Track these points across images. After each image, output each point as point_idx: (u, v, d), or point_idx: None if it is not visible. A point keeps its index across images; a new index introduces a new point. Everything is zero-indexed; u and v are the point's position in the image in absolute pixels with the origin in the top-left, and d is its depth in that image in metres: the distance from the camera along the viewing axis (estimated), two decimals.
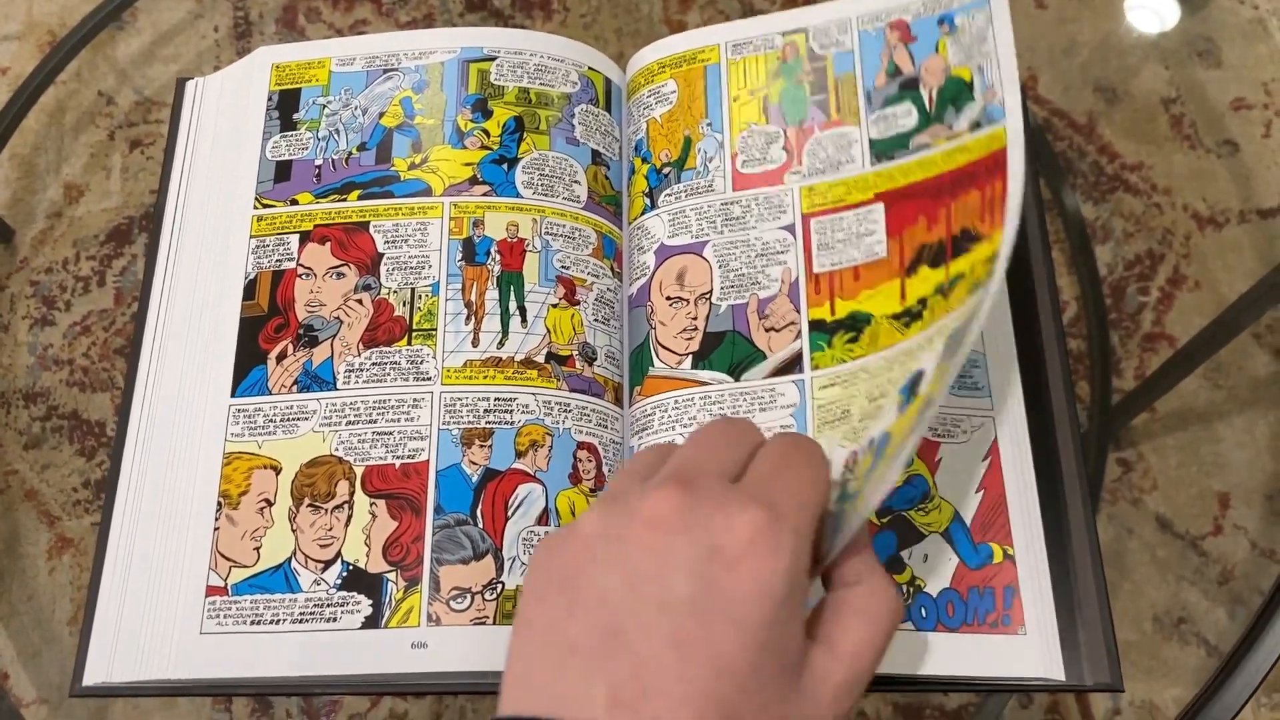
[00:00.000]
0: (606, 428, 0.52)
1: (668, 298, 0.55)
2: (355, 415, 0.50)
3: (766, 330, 0.53)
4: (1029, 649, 0.49)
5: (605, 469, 0.51)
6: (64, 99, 0.88)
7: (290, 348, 0.52)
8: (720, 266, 0.55)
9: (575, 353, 0.53)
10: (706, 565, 0.33)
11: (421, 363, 0.51)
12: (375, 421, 0.50)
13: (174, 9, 0.92)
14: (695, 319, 0.54)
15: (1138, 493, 0.78)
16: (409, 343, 0.52)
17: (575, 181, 0.56)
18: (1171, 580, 0.77)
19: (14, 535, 0.76)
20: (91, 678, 0.47)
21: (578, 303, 0.53)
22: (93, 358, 0.80)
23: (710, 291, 0.54)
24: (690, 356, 0.53)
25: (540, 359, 0.52)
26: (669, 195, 0.56)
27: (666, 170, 0.57)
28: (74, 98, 0.88)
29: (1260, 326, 0.81)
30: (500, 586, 0.47)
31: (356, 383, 0.51)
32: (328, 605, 0.47)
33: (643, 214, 0.57)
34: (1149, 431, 0.80)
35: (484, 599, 0.47)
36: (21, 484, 0.77)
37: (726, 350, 0.53)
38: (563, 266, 0.54)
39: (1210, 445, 0.79)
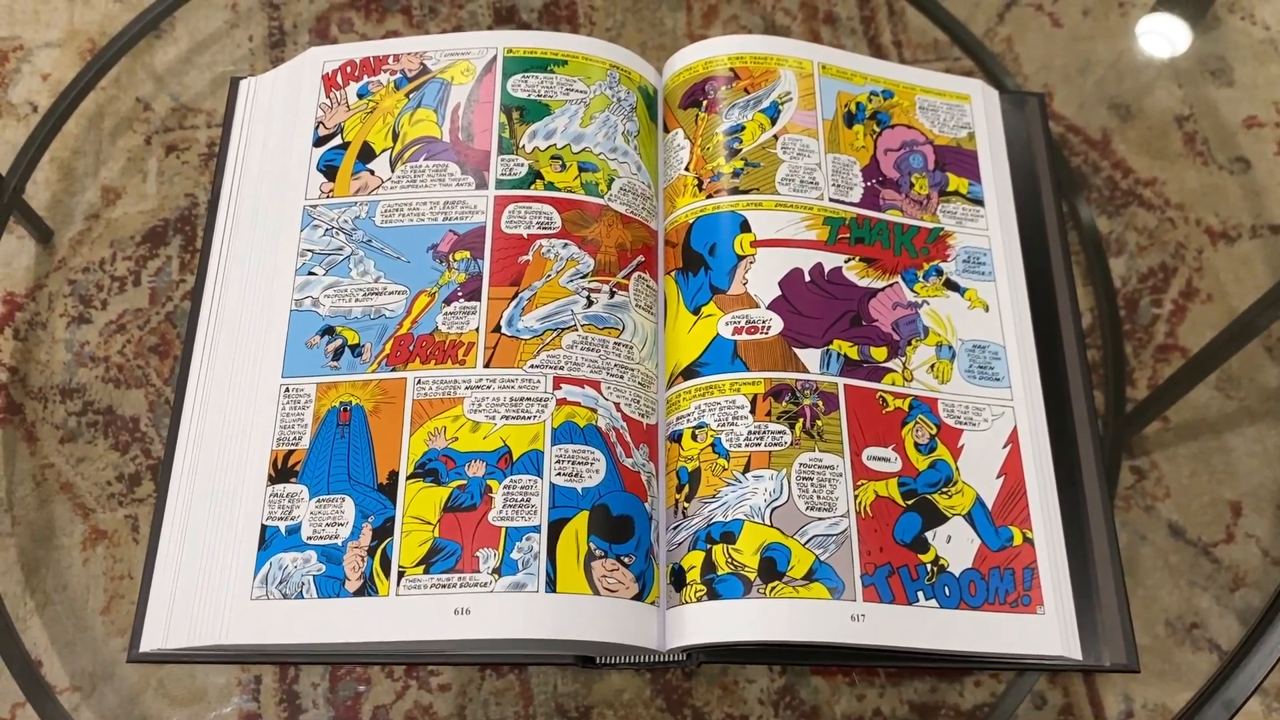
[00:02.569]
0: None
1: None
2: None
3: None
4: (1048, 628, 0.50)
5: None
6: (103, 105, 0.90)
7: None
8: None
9: None
10: None
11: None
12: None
13: (211, 19, 0.94)
14: None
15: (1151, 500, 0.80)
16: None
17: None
18: (1184, 586, 0.78)
19: (49, 526, 0.77)
20: (148, 644, 0.48)
21: None
22: (127, 355, 0.81)
23: None
24: None
25: None
26: None
27: None
28: (113, 103, 0.90)
29: (1271, 338, 0.82)
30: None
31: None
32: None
33: None
34: (1162, 440, 0.81)
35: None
36: (58, 477, 0.78)
37: None
38: None
39: (1222, 454, 0.81)
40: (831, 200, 0.58)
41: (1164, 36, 0.93)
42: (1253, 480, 0.80)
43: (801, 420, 0.52)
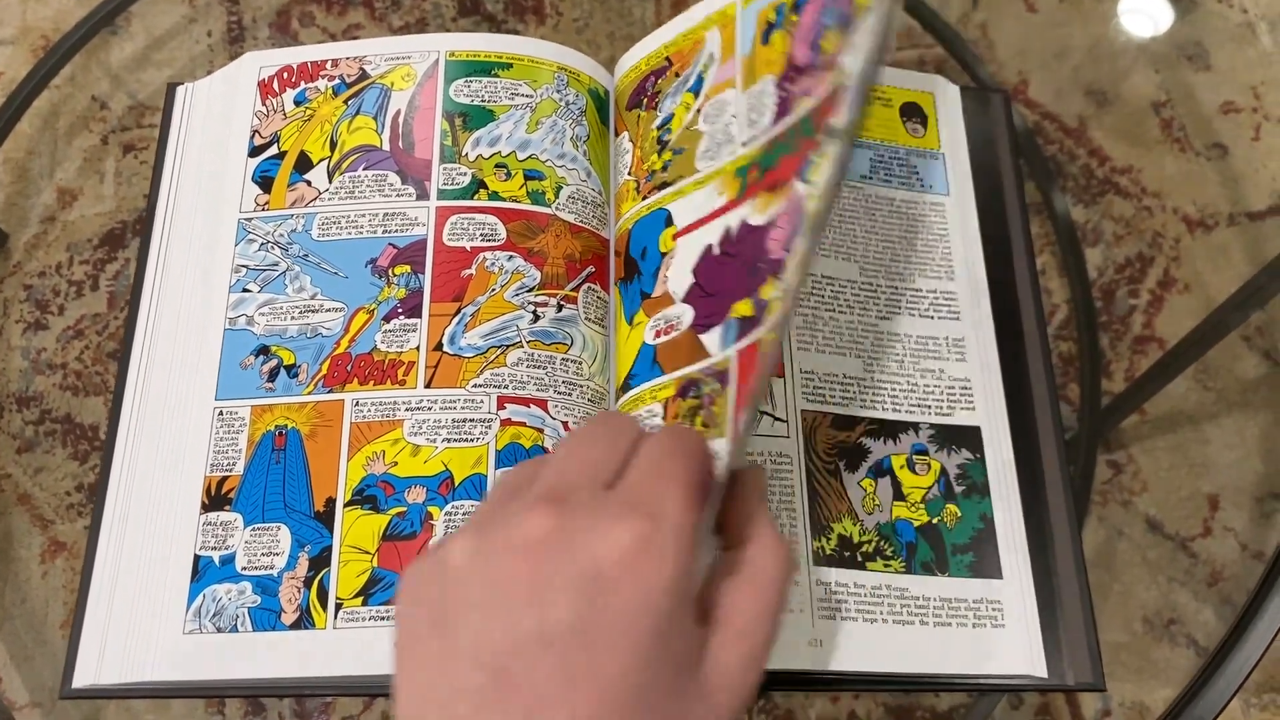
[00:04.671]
0: None
1: None
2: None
3: None
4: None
5: None
6: (58, 103, 0.88)
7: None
8: None
9: None
10: (587, 588, 0.32)
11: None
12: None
13: (168, 14, 0.92)
14: None
15: (1128, 494, 0.79)
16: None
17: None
18: (1161, 581, 0.77)
19: (7, 539, 0.76)
20: (81, 680, 0.47)
21: None
22: (86, 361, 0.80)
23: None
24: None
25: None
26: None
27: None
28: (68, 102, 0.88)
29: (1249, 328, 0.81)
30: None
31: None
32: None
33: None
34: (1139, 433, 0.80)
35: None
36: (15, 488, 0.77)
37: None
38: None
39: (1199, 447, 0.79)
40: (744, 145, 0.52)
41: (1143, 15, 0.91)
42: (1230, 473, 0.79)
43: (702, 413, 0.47)
